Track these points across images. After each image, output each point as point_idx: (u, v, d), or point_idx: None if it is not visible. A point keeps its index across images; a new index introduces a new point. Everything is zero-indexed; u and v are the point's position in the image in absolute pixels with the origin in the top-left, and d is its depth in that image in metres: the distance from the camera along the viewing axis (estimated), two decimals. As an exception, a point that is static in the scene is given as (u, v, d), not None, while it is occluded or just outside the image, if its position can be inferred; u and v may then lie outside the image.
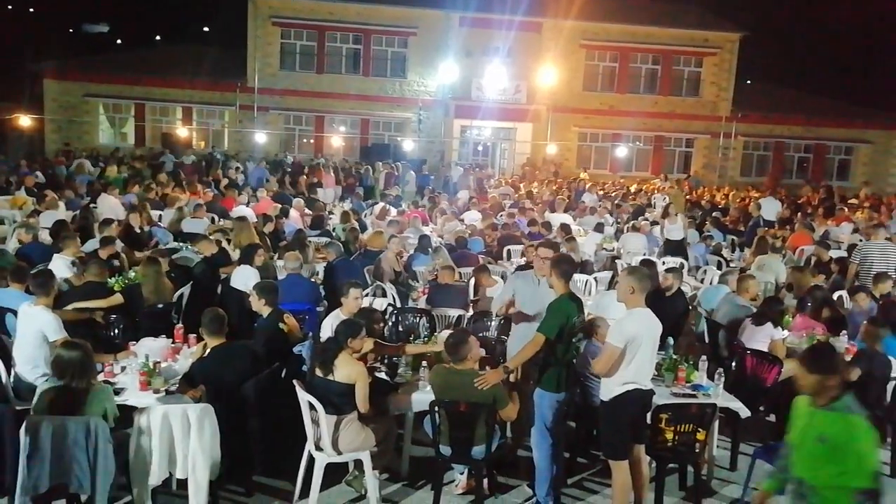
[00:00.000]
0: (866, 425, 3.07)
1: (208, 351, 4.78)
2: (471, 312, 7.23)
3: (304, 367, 5.23)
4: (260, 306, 5.59)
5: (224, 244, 8.68)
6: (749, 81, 29.63)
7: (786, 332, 6.54)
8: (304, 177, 17.98)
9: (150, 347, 5.31)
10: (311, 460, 4.58)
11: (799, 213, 15.42)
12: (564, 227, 11.49)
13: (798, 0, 39.02)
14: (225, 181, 15.94)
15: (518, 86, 26.16)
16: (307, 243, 9.27)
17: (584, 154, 28.13)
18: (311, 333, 5.93)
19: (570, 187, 20.26)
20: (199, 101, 26.07)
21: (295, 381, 4.54)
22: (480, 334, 6.42)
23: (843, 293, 8.28)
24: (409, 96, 26.46)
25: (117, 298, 6.25)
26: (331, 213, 13.53)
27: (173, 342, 5.57)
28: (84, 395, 3.99)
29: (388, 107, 26.59)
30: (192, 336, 5.55)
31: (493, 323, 6.72)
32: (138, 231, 9.52)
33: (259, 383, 4.67)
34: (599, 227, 12.39)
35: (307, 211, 12.79)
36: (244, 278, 7.02)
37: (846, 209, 16.16)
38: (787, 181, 27.77)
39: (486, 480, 4.83)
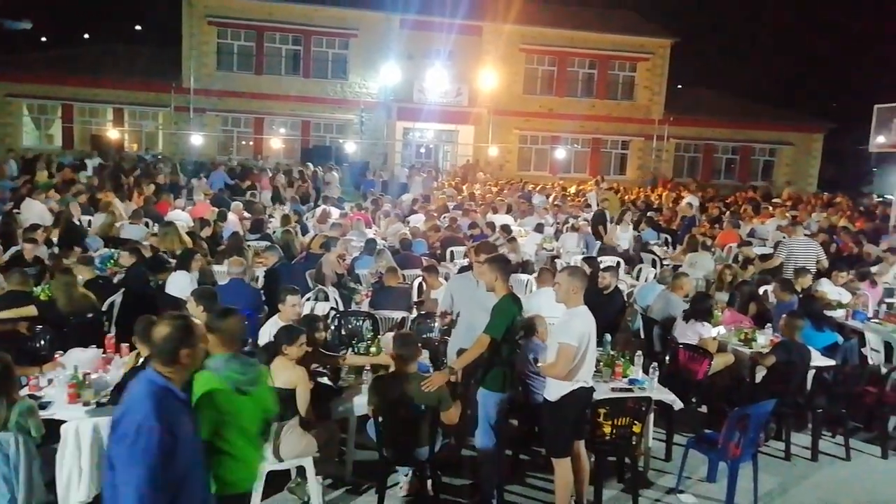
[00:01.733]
0: (202, 378, 3.05)
1: (142, 360, 4.62)
2: (414, 314, 7.26)
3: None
4: (198, 313, 5.44)
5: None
6: (680, 86, 30.82)
7: (715, 329, 6.79)
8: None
9: (80, 358, 5.10)
10: (252, 469, 4.49)
11: (728, 212, 16.10)
12: (505, 228, 11.67)
13: (725, 8, 40.80)
14: (152, 186, 15.27)
15: (459, 88, 26.38)
16: (244, 247, 9.08)
17: (525, 156, 28.63)
18: (250, 340, 5.81)
19: (513, 189, 20.53)
20: (131, 102, 25.15)
21: (234, 389, 4.45)
22: (424, 336, 6.46)
23: (769, 287, 8.70)
24: (350, 98, 26.29)
25: (31, 310, 5.96)
26: (271, 216, 13.29)
27: (104, 352, 5.37)
28: (5, 411, 3.80)
29: (330, 108, 26.34)
30: (124, 345, 5.35)
31: (436, 324, 6.75)
32: (77, 222, 9.07)
33: (196, 392, 4.55)
34: (539, 228, 12.63)
35: (246, 214, 12.51)
36: (180, 285, 6.82)
37: (771, 208, 17.02)
38: (716, 181, 29.10)
39: (430, 481, 4.86)
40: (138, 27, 40.06)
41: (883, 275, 9.29)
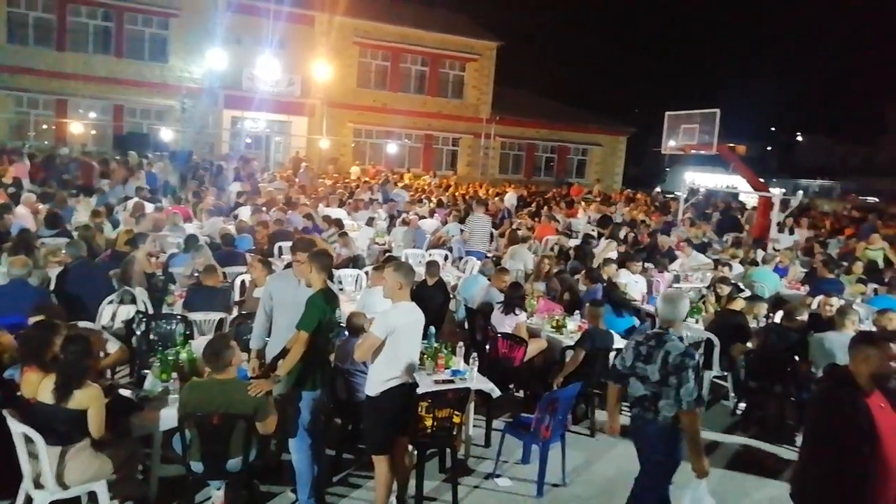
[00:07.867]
0: None
1: None
2: (234, 314, 6.87)
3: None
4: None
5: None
6: (505, 87, 32.52)
7: (524, 316, 7.18)
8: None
9: None
10: (30, 500, 3.95)
11: (545, 207, 17.25)
12: (338, 222, 11.49)
13: (546, 18, 43.85)
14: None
15: (292, 79, 25.55)
16: (35, 245, 8.02)
17: (360, 150, 28.51)
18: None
19: (346, 185, 20.31)
20: None
21: (5, 411, 3.87)
22: (245, 338, 6.11)
23: (579, 276, 9.42)
24: (171, 83, 24.36)
25: None
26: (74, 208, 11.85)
27: None
28: None
29: (147, 93, 24.19)
30: None
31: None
32: None
33: (-45, 417, 3.90)
34: (370, 222, 12.60)
35: (40, 206, 11.07)
36: (-53, 290, 5.85)
37: (583, 203, 18.53)
38: (537, 178, 31.20)
39: (246, 492, 4.61)
40: None
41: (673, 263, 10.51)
